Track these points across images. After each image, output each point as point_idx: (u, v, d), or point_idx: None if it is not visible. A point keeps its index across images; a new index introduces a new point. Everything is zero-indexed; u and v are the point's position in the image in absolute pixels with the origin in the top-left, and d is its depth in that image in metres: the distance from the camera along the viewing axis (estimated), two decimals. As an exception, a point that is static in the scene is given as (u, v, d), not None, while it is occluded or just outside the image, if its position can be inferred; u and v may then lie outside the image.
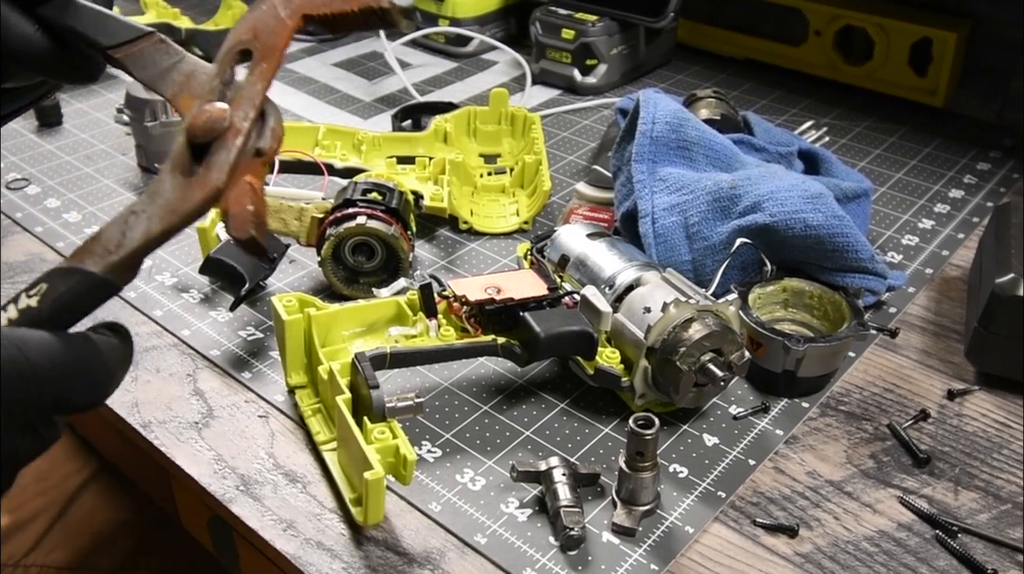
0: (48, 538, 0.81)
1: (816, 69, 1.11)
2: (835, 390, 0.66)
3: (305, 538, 0.55)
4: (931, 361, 0.69)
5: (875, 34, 1.04)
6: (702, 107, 0.88)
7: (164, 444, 0.62)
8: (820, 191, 0.69)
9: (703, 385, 0.60)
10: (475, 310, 0.63)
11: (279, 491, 0.59)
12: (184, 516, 0.71)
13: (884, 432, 0.63)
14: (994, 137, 1.01)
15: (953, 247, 0.82)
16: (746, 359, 0.60)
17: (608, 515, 0.56)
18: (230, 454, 0.61)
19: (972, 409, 0.65)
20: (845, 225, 0.68)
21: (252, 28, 0.45)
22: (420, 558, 0.54)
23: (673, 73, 1.17)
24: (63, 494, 0.83)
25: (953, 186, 0.92)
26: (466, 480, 0.59)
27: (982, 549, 0.55)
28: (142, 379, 0.67)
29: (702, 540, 0.55)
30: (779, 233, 0.68)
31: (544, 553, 0.54)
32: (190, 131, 0.42)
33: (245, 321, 0.73)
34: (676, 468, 0.60)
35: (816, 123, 1.03)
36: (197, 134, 0.42)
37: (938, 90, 1.03)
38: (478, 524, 0.56)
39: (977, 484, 0.59)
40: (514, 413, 0.64)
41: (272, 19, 0.45)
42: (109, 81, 1.12)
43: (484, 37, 1.20)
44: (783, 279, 0.69)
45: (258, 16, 0.45)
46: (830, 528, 0.56)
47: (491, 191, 0.88)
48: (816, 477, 0.60)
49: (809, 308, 0.69)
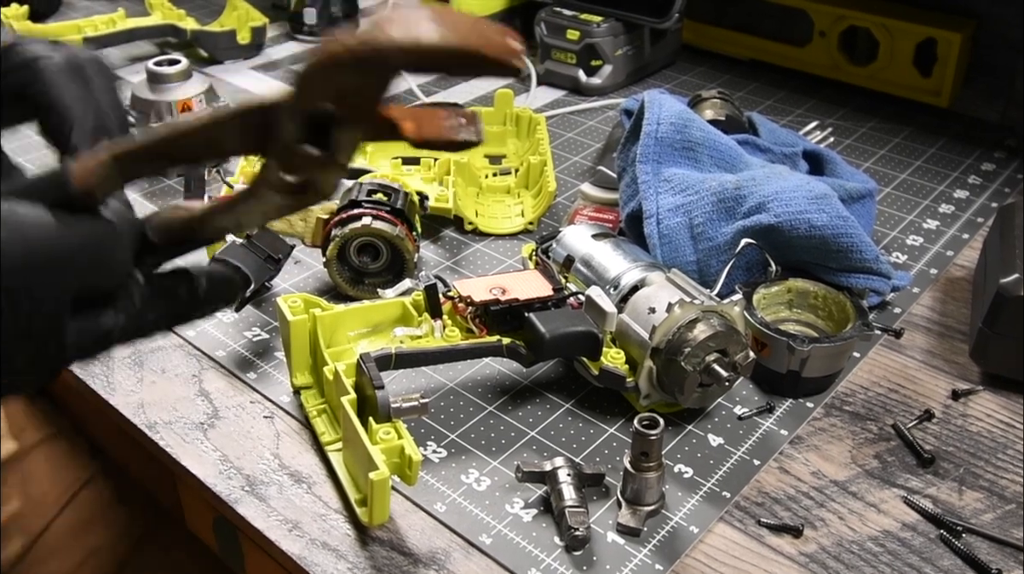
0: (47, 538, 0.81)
1: (821, 70, 1.11)
2: (839, 390, 0.66)
3: (310, 538, 0.56)
4: (935, 361, 0.69)
5: (879, 35, 1.04)
6: (707, 108, 0.88)
7: (169, 445, 0.62)
8: (824, 191, 0.69)
9: (708, 385, 0.60)
10: (480, 311, 0.63)
11: (284, 491, 0.59)
12: (189, 517, 0.71)
13: (888, 432, 0.63)
14: (998, 137, 1.01)
15: (958, 247, 0.82)
16: (751, 360, 0.60)
17: (613, 515, 0.56)
18: (235, 454, 0.61)
19: (976, 409, 0.65)
20: (849, 225, 0.68)
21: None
22: (425, 558, 0.54)
23: (678, 74, 1.17)
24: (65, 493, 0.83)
25: (958, 186, 0.92)
26: (471, 480, 0.59)
27: (986, 549, 0.55)
28: (147, 380, 0.67)
29: (707, 540, 0.55)
30: (784, 234, 0.68)
31: (549, 553, 0.54)
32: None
33: (250, 322, 0.73)
34: (681, 468, 0.60)
35: (821, 124, 1.03)
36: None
37: (942, 90, 1.03)
38: (483, 524, 0.56)
39: (981, 484, 0.59)
40: (519, 413, 0.64)
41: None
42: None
43: (489, 38, 1.20)
44: (788, 280, 0.69)
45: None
46: (835, 528, 0.56)
47: (496, 192, 0.88)
48: (821, 477, 0.60)
49: (814, 309, 0.69)
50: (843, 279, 0.69)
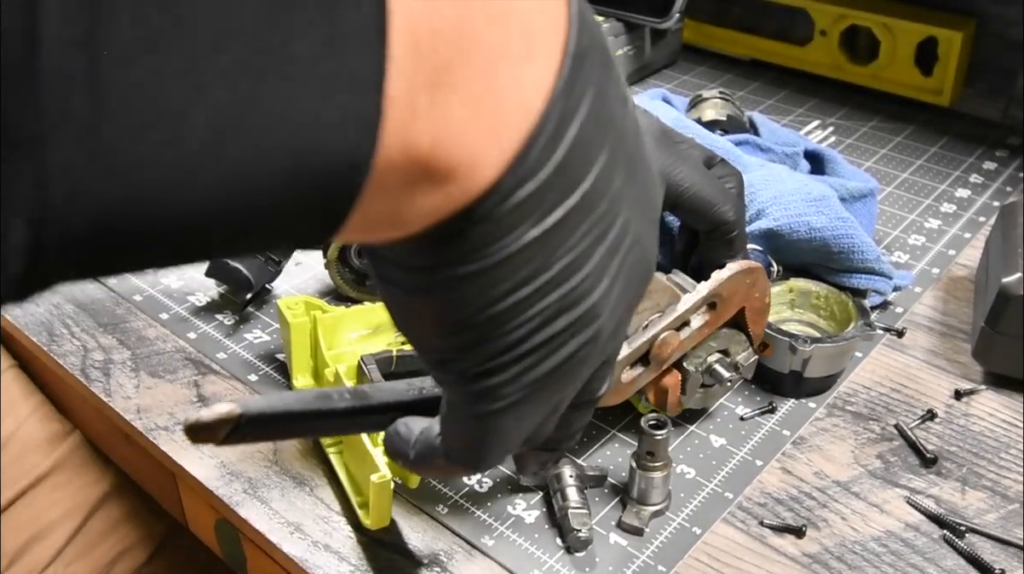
0: (68, 550, 0.81)
1: (822, 69, 1.11)
2: (842, 390, 0.66)
3: (312, 541, 0.56)
4: (938, 361, 0.69)
5: (881, 34, 1.04)
6: (708, 107, 0.88)
7: (170, 448, 0.62)
8: (823, 194, 0.69)
9: (710, 386, 0.60)
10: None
11: (286, 494, 0.59)
12: (191, 520, 0.71)
13: (891, 432, 0.63)
14: (1000, 136, 1.01)
15: (960, 247, 0.82)
16: (753, 360, 0.60)
17: (615, 516, 0.56)
18: (237, 457, 0.61)
19: (979, 409, 0.65)
20: (849, 226, 0.68)
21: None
22: (427, 560, 0.54)
23: (679, 74, 1.17)
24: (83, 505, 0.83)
25: (959, 185, 0.92)
26: (473, 482, 0.59)
27: (990, 549, 0.55)
28: (147, 383, 0.67)
29: (709, 541, 0.55)
30: (784, 237, 0.68)
31: (551, 555, 0.54)
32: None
33: (251, 324, 0.73)
34: (683, 469, 0.60)
35: (822, 123, 1.03)
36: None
37: (944, 89, 1.03)
38: (485, 526, 0.56)
39: (984, 484, 0.59)
40: (520, 415, 0.64)
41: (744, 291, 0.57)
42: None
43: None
44: (789, 279, 0.69)
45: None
46: (837, 528, 0.56)
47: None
48: (823, 477, 0.59)
49: (816, 309, 0.69)
50: (845, 279, 0.69)
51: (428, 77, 0.25)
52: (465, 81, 0.26)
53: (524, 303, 0.30)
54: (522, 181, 0.28)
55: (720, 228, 0.59)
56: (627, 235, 0.32)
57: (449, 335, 0.31)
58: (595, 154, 0.29)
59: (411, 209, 0.27)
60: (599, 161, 0.30)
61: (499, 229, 0.28)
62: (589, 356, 0.34)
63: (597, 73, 0.29)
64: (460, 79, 0.25)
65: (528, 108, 0.27)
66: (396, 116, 0.25)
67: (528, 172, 0.28)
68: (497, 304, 0.30)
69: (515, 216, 0.28)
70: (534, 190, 0.28)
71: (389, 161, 0.25)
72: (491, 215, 0.28)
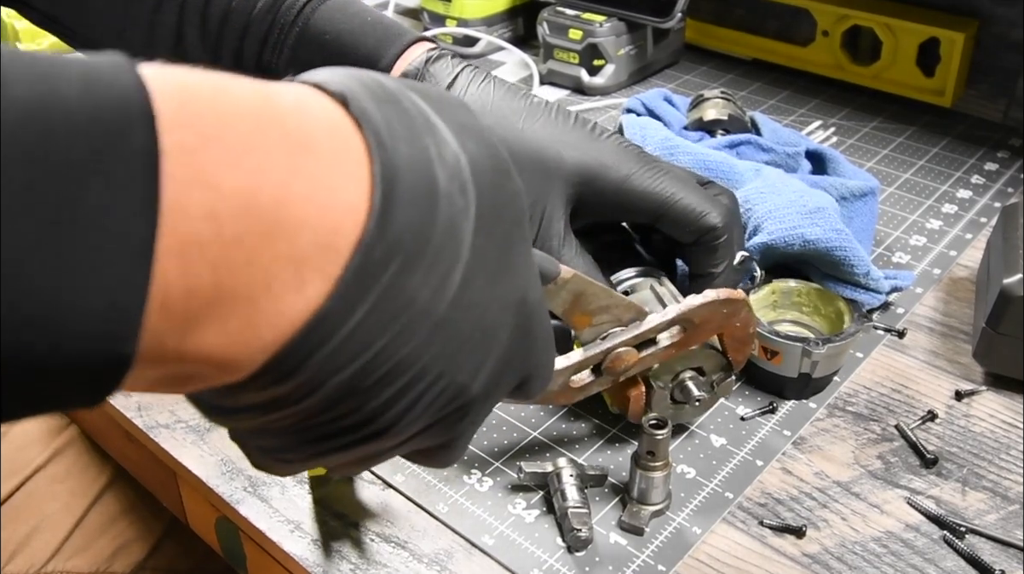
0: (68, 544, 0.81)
1: (823, 69, 1.11)
2: (842, 391, 0.66)
3: (312, 539, 0.56)
4: (939, 362, 0.69)
5: (883, 34, 1.04)
6: (709, 107, 0.88)
7: (171, 446, 0.62)
8: (819, 206, 0.68)
9: (682, 403, 0.60)
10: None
11: (286, 492, 0.59)
12: (191, 517, 0.71)
13: (892, 433, 0.63)
14: (1001, 137, 1.01)
15: (961, 247, 0.82)
16: (729, 380, 0.60)
17: (615, 516, 0.56)
18: (237, 455, 0.61)
19: (980, 410, 0.65)
20: (843, 238, 0.67)
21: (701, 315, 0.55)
22: (427, 559, 0.54)
23: (681, 73, 1.17)
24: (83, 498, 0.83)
25: (961, 186, 0.92)
26: (473, 481, 0.59)
27: (990, 550, 0.55)
28: (150, 380, 0.67)
29: (709, 541, 0.55)
30: (779, 250, 0.67)
31: (551, 554, 0.54)
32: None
33: (253, 322, 0.73)
34: (684, 469, 0.60)
35: (824, 123, 1.03)
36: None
37: (946, 90, 1.03)
38: (485, 525, 0.56)
39: (985, 485, 0.59)
40: (521, 414, 0.64)
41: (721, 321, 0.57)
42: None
43: (491, 38, 1.21)
44: (771, 282, 0.68)
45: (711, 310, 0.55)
46: (837, 529, 0.56)
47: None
48: (823, 478, 0.60)
49: (798, 305, 0.69)
50: (835, 287, 0.68)
51: (180, 326, 0.26)
52: (221, 320, 0.27)
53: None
54: (281, 379, 0.30)
55: (705, 236, 0.60)
56: (430, 384, 0.33)
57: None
58: (375, 339, 0.30)
59: (188, 380, 0.29)
60: (375, 347, 0.30)
61: (274, 399, 0.31)
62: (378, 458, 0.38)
63: (399, 264, 0.30)
64: (216, 319, 0.27)
65: (285, 330, 0.29)
66: (151, 342, 0.26)
67: (289, 370, 0.29)
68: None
69: (282, 396, 0.31)
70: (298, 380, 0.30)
71: (150, 354, 0.26)
72: (261, 390, 0.30)
